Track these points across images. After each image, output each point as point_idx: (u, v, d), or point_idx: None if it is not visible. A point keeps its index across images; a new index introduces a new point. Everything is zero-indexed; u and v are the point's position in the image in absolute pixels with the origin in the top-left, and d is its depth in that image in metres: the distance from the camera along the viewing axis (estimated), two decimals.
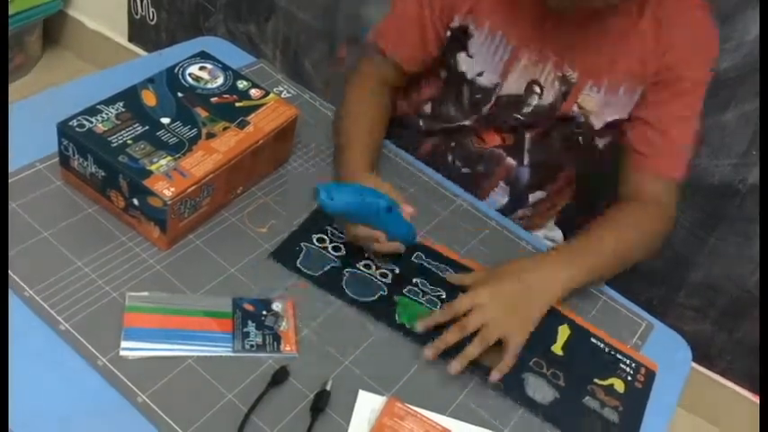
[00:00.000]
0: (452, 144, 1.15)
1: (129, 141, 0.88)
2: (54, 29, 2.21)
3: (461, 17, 1.03)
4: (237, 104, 0.98)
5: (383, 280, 0.92)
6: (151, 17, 2.02)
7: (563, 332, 0.91)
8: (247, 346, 0.80)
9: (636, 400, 0.87)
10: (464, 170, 1.15)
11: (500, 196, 1.17)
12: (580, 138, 1.09)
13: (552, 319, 0.91)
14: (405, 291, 0.91)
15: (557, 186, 1.20)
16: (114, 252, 0.86)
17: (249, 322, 0.82)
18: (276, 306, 0.85)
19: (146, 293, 0.82)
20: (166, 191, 0.83)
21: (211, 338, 0.80)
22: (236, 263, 0.89)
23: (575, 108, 1.05)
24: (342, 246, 0.94)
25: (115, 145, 0.87)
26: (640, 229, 0.99)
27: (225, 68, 1.03)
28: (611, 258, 0.95)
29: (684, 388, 0.93)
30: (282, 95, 1.14)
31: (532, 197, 1.19)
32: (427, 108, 1.16)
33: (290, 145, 1.04)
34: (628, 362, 0.91)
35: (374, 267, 0.93)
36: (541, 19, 1.00)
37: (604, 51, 1.00)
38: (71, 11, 2.17)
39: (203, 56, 1.04)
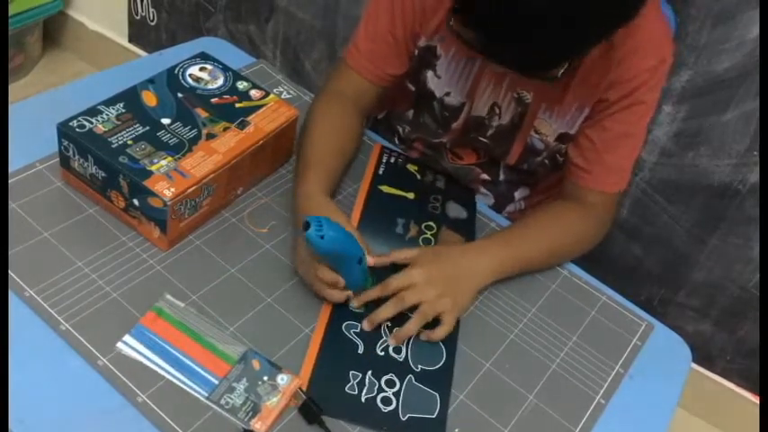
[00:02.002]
0: (429, 154, 1.16)
1: (130, 142, 0.88)
2: (54, 29, 2.21)
3: (428, 38, 1.02)
4: (238, 105, 0.98)
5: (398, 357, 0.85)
6: (151, 18, 2.02)
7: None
8: (222, 402, 0.74)
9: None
10: (443, 180, 1.14)
11: (486, 198, 1.18)
12: (546, 161, 1.09)
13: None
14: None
15: (543, 185, 1.21)
16: (114, 252, 0.86)
17: (244, 379, 0.77)
18: (281, 379, 0.78)
19: (181, 304, 0.82)
20: (167, 191, 0.83)
21: (199, 375, 0.76)
22: (236, 263, 0.89)
23: (533, 133, 1.05)
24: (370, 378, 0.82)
25: (115, 145, 0.87)
26: (574, 231, 1.02)
27: (225, 69, 1.03)
28: (541, 255, 0.99)
29: (684, 388, 0.93)
30: (282, 96, 1.15)
31: (519, 194, 1.21)
32: (409, 114, 1.16)
33: (290, 145, 1.04)
34: None
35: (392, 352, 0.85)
36: None
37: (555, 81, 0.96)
38: (71, 11, 2.17)
39: (203, 56, 1.04)
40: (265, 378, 0.77)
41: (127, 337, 0.78)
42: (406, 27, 1.02)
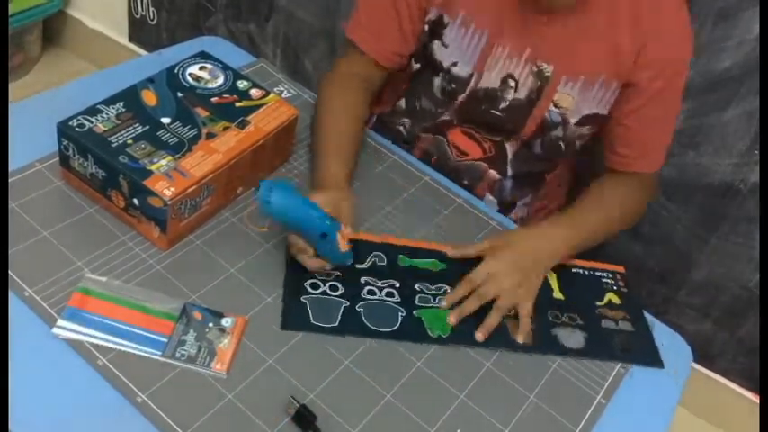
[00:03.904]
0: (434, 158, 1.15)
1: (130, 141, 0.88)
2: (54, 28, 2.21)
3: (437, 8, 1.03)
4: (238, 104, 0.98)
5: (392, 300, 0.90)
6: (151, 17, 2.02)
7: (552, 277, 0.99)
8: (178, 355, 0.77)
9: (632, 303, 0.99)
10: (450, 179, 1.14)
11: (491, 205, 1.18)
12: (561, 143, 1.09)
13: None
14: (417, 301, 0.91)
15: (546, 190, 1.21)
16: (114, 252, 0.86)
17: (191, 331, 0.80)
18: (226, 321, 0.82)
19: (103, 279, 0.82)
20: (167, 191, 0.83)
21: (145, 338, 0.78)
22: (236, 263, 0.89)
23: (552, 107, 1.05)
24: (337, 284, 0.90)
25: (115, 145, 0.87)
26: (628, 207, 1.10)
27: (225, 68, 1.03)
28: (599, 232, 1.04)
29: (685, 388, 0.93)
30: (283, 95, 1.14)
31: (522, 202, 1.20)
32: (402, 104, 1.16)
33: (290, 145, 1.04)
34: (606, 274, 1.02)
35: (378, 290, 0.90)
36: (516, 11, 0.99)
37: (580, 47, 1.00)
38: (71, 10, 2.17)
39: (203, 56, 1.04)
40: (211, 325, 0.81)
41: (60, 322, 0.78)
42: (410, 2, 1.03)
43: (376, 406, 0.79)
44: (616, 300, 0.98)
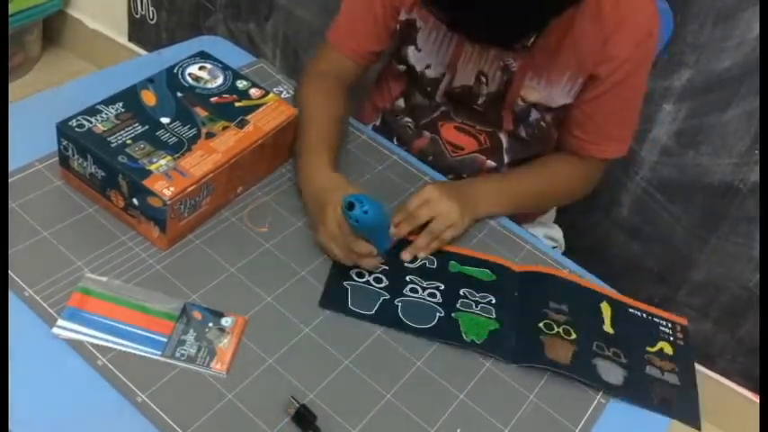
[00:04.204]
0: (430, 158, 1.15)
1: (129, 141, 0.88)
2: (54, 28, 2.21)
3: (407, 10, 1.05)
4: (237, 104, 0.98)
5: (434, 300, 0.91)
6: (151, 16, 2.02)
7: (606, 309, 0.96)
8: (177, 355, 0.78)
9: (685, 358, 0.93)
10: (450, 178, 1.15)
11: None
12: (545, 128, 1.11)
13: (593, 298, 0.97)
14: (458, 305, 0.91)
15: None
16: (114, 252, 0.86)
17: (191, 331, 0.80)
18: (225, 321, 0.82)
19: (103, 279, 0.82)
20: (166, 190, 0.83)
21: (145, 338, 0.79)
22: (235, 262, 0.89)
23: (519, 102, 1.07)
24: (382, 276, 0.92)
25: (115, 145, 0.87)
26: (567, 183, 1.14)
27: (224, 68, 1.03)
28: (533, 197, 1.11)
29: None
30: (282, 95, 1.14)
31: None
32: (400, 103, 1.18)
33: (289, 144, 1.04)
34: (665, 323, 0.97)
35: (420, 290, 0.91)
36: None
37: (542, 47, 1.00)
38: (71, 10, 2.17)
39: (203, 55, 1.04)
40: (210, 325, 0.81)
41: (60, 322, 0.78)
42: (386, 3, 1.05)
43: (376, 406, 0.79)
44: (669, 350, 0.94)
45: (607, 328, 0.93)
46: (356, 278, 0.91)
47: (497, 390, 0.85)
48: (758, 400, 1.59)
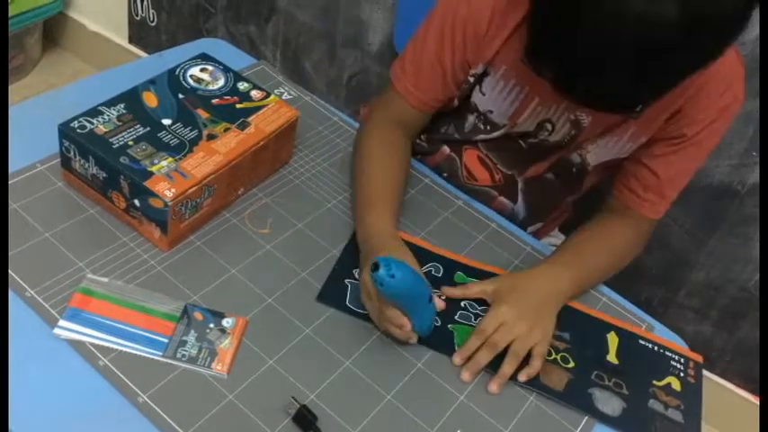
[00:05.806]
0: (445, 174, 1.13)
1: (131, 142, 0.88)
2: (54, 30, 2.21)
3: (486, 63, 0.98)
4: (238, 106, 0.98)
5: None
6: (151, 19, 2.02)
7: (612, 340, 0.94)
8: (179, 355, 0.78)
9: (693, 396, 0.90)
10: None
11: None
12: (574, 169, 1.08)
13: (599, 328, 0.94)
14: (457, 317, 0.90)
15: (554, 215, 1.21)
16: (115, 253, 0.87)
17: (192, 332, 0.80)
18: (226, 322, 0.82)
19: (104, 279, 0.83)
20: (167, 192, 0.83)
21: (146, 339, 0.79)
22: (237, 263, 0.89)
23: (575, 155, 1.04)
24: None
25: (116, 146, 0.87)
26: (622, 251, 1.04)
27: (226, 70, 1.03)
28: (597, 275, 1.01)
29: None
30: (283, 97, 1.15)
31: (533, 228, 1.19)
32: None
33: (291, 146, 1.04)
34: (677, 357, 0.94)
35: None
36: None
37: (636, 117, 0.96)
38: (71, 12, 2.17)
39: (204, 57, 1.04)
40: (212, 325, 0.81)
41: (61, 322, 0.78)
42: (455, 57, 0.98)
43: (376, 407, 0.80)
44: (677, 385, 0.90)
45: (611, 358, 0.91)
46: (357, 277, 0.91)
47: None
48: (758, 402, 1.59)
